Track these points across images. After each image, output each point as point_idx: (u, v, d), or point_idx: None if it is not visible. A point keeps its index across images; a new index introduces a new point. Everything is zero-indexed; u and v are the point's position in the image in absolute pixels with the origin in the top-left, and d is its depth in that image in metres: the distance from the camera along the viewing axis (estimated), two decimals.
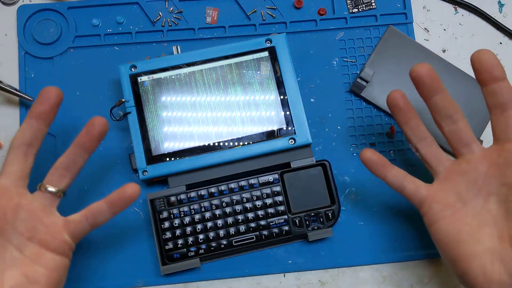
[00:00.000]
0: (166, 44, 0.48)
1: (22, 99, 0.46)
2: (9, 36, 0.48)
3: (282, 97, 0.44)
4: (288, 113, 0.43)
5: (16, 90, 0.45)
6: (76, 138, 0.37)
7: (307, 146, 0.44)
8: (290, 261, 0.44)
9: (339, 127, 0.47)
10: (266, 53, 0.44)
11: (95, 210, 0.37)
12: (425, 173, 0.45)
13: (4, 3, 0.49)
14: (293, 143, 0.43)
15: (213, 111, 0.44)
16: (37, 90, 0.47)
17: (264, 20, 0.48)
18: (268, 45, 0.44)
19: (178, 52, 0.46)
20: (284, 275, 0.45)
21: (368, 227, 0.45)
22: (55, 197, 0.37)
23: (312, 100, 0.47)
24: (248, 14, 0.48)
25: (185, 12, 0.49)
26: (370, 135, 0.47)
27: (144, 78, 0.44)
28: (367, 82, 0.46)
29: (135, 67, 0.44)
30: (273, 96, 0.44)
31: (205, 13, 0.49)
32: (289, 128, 0.43)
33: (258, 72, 0.44)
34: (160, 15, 0.48)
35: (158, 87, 0.44)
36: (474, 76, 0.48)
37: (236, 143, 0.43)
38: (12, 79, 0.47)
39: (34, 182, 0.41)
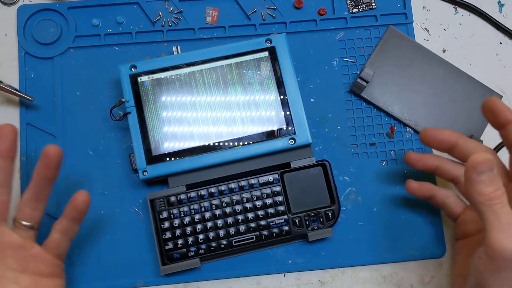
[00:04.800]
0: (166, 44, 0.48)
1: (22, 99, 0.46)
2: (9, 36, 0.48)
3: (282, 97, 0.44)
4: (288, 113, 0.43)
5: (16, 90, 0.45)
6: (35, 171, 0.38)
7: (307, 146, 0.44)
8: (290, 261, 0.44)
9: (339, 127, 0.47)
10: (266, 53, 0.44)
11: (61, 228, 0.39)
12: (426, 174, 0.45)
13: (4, 3, 0.49)
14: (293, 143, 0.43)
15: (213, 111, 0.44)
16: (37, 90, 0.47)
17: (264, 20, 0.48)
18: (268, 45, 0.44)
19: (178, 52, 0.46)
20: (284, 275, 0.45)
21: (368, 227, 0.45)
22: (32, 230, 0.38)
23: (312, 100, 0.47)
24: (248, 14, 0.48)
25: (185, 12, 0.49)
26: (370, 135, 0.47)
27: (144, 78, 0.44)
28: (367, 82, 0.46)
29: (135, 67, 0.44)
30: (273, 96, 0.44)
31: (205, 13, 0.49)
32: (289, 128, 0.43)
33: (258, 72, 0.44)
34: (160, 15, 0.48)
35: (158, 87, 0.44)
36: (474, 76, 0.48)
37: (236, 143, 0.43)
38: (12, 79, 0.47)
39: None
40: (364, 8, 0.49)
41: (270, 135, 0.43)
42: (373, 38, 0.48)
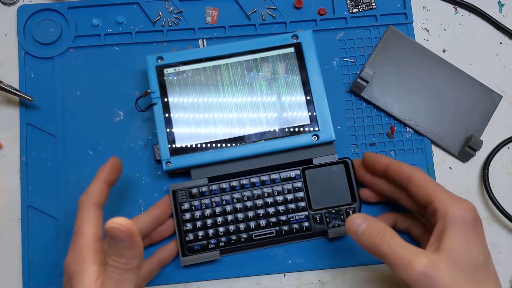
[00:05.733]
0: (166, 44, 0.48)
1: (22, 99, 0.46)
2: (9, 36, 0.48)
3: (307, 93, 0.43)
4: (312, 109, 0.43)
5: (16, 90, 0.45)
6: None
7: (330, 143, 0.44)
8: (290, 261, 0.44)
9: (339, 127, 0.47)
10: (292, 49, 0.44)
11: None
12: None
13: (4, 3, 0.49)
14: (316, 140, 0.43)
15: (238, 105, 0.44)
16: (37, 90, 0.47)
17: (264, 20, 0.48)
18: (294, 41, 0.44)
19: (204, 46, 0.46)
20: (284, 275, 0.45)
21: None
22: None
23: None
24: (248, 14, 0.48)
25: (185, 12, 0.49)
26: (370, 135, 0.47)
27: (170, 70, 0.44)
28: (367, 82, 0.46)
29: (161, 58, 0.44)
30: (298, 92, 0.44)
31: (205, 13, 0.49)
32: (313, 125, 0.43)
33: (284, 67, 0.44)
34: (160, 15, 0.48)
35: (183, 79, 0.44)
36: (474, 76, 0.48)
37: (259, 138, 0.43)
38: (12, 79, 0.47)
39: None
40: (364, 8, 0.49)
41: (294, 131, 0.43)
42: (373, 38, 0.48)
